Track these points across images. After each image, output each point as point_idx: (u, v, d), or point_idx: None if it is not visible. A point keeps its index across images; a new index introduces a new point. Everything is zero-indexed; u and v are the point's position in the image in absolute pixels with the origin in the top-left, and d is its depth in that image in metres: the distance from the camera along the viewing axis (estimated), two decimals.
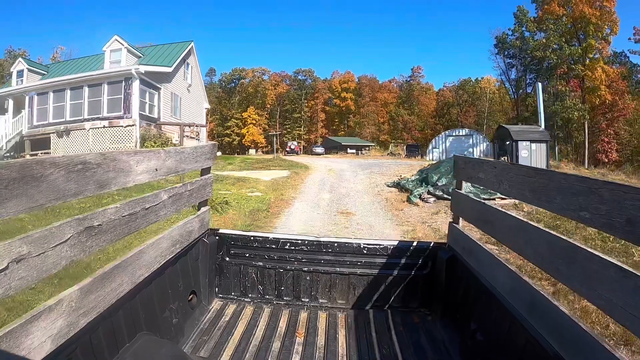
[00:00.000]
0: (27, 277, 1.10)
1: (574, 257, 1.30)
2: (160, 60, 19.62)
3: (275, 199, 10.05)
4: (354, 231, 6.99)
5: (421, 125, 64.41)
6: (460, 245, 2.39)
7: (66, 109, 17.88)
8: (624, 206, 1.08)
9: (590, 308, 3.48)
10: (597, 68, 38.12)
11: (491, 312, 1.89)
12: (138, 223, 1.72)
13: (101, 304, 1.44)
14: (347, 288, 2.64)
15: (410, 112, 65.32)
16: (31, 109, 18.75)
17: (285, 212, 8.63)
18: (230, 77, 71.90)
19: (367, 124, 65.66)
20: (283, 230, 6.94)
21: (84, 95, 17.62)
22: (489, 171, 2.08)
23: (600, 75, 38.12)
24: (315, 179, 15.24)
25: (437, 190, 9.78)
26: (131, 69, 16.80)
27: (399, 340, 2.25)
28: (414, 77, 70.40)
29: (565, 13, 39.21)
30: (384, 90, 70.38)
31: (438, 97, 68.22)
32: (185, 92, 22.55)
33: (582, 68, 38.17)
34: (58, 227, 1.24)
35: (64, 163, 1.23)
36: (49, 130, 17.88)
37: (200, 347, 2.11)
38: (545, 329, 1.43)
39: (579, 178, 1.31)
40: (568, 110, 36.69)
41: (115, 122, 17.00)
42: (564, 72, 38.66)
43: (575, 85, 39.00)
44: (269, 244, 2.66)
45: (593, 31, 38.34)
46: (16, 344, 1.06)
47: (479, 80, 63.97)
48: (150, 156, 1.81)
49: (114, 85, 17.35)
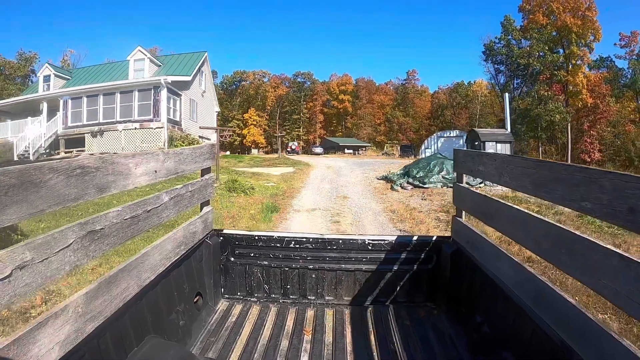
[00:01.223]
0: (32, 284, 1.09)
1: (575, 247, 1.29)
2: (180, 70, 22.22)
3: (287, 188, 12.63)
4: (350, 207, 9.55)
5: (416, 126, 66.73)
6: (464, 238, 2.39)
7: (99, 112, 20.50)
8: (625, 195, 1.08)
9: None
10: (578, 74, 40.82)
11: (497, 304, 1.89)
12: (140, 226, 1.71)
13: (108, 309, 1.43)
14: (353, 284, 2.64)
15: (405, 114, 67.68)
16: (65, 111, 21.30)
17: (297, 196, 11.19)
18: (232, 80, 73.89)
19: (364, 125, 67.99)
20: (297, 204, 9.53)
21: (117, 100, 20.24)
22: (489, 164, 2.07)
23: (581, 80, 40.79)
24: (317, 174, 17.84)
25: (415, 180, 12.41)
26: (160, 79, 19.44)
27: (405, 334, 2.24)
28: (409, 80, 73.02)
29: (550, 22, 41.87)
30: (381, 92, 72.69)
31: (433, 100, 70.39)
32: (200, 97, 25.17)
33: (565, 74, 40.85)
34: (60, 232, 1.22)
35: (62, 168, 1.22)
36: (83, 130, 20.43)
37: (208, 348, 2.10)
38: (552, 320, 1.42)
39: (579, 168, 1.29)
40: (550, 113, 39.37)
41: (145, 125, 19.64)
42: (547, 77, 41.35)
43: (557, 89, 41.64)
44: (274, 242, 2.65)
45: (575, 39, 41.04)
46: (24, 351, 1.05)
47: (471, 84, 66.33)
48: (149, 158, 1.80)
49: (144, 92, 19.97)
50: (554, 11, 41.48)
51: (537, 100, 40.63)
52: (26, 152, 20.05)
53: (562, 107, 40.13)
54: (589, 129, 43.04)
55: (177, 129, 20.90)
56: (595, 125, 42.98)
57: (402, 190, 11.96)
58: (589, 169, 1.25)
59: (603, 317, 3.40)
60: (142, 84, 20.14)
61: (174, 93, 21.07)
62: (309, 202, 10.26)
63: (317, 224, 7.61)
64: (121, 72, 22.55)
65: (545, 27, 41.54)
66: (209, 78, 27.53)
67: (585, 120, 43.23)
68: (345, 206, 9.70)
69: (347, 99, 69.85)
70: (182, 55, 24.56)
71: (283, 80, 74.13)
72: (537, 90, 41.12)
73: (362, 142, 58.78)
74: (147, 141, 19.23)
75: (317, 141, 66.08)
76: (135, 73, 21.60)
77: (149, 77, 20.96)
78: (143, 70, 21.59)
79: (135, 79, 20.87)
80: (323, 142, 60.02)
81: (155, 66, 22.41)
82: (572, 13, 41.49)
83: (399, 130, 66.04)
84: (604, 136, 43.34)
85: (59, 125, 21.31)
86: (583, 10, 41.49)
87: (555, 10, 41.47)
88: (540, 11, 42.01)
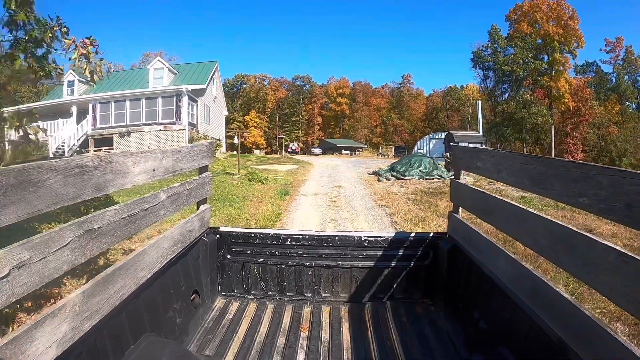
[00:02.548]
0: (30, 283, 1.09)
1: (573, 244, 1.30)
2: (195, 78, 25.08)
3: (293, 180, 15.42)
4: (344, 192, 12.31)
5: (411, 128, 69.18)
6: (460, 234, 2.39)
7: (126, 115, 23.38)
8: (622, 191, 1.08)
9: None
10: (560, 79, 43.75)
11: (494, 301, 1.91)
12: (138, 224, 1.71)
13: (105, 307, 1.43)
14: (350, 281, 2.63)
15: (400, 116, 70.34)
16: (94, 114, 24.06)
17: (302, 185, 13.97)
18: (234, 83, 75.98)
19: (361, 127, 70.55)
20: (303, 190, 12.30)
21: (142, 105, 23.16)
22: (487, 160, 2.07)
23: (563, 85, 43.72)
24: (317, 170, 20.66)
25: (398, 174, 15.25)
26: (182, 87, 22.40)
27: (402, 331, 2.23)
28: (404, 84, 75.86)
29: (534, 31, 44.82)
30: (377, 95, 75.20)
31: (428, 102, 73.06)
32: (212, 102, 28.09)
33: (548, 79, 43.80)
34: (58, 232, 1.22)
35: (61, 167, 1.22)
36: (111, 131, 23.21)
37: (205, 346, 2.10)
38: (548, 316, 1.43)
39: (577, 164, 1.29)
40: (533, 116, 42.34)
41: (169, 127, 22.51)
42: (530, 83, 44.32)
43: (540, 94, 44.57)
44: (270, 240, 2.65)
45: (557, 47, 44.00)
46: (21, 350, 1.05)
47: (463, 87, 69.27)
48: (148, 157, 1.80)
49: (167, 98, 22.88)
50: (537, 21, 44.48)
51: (521, 104, 43.59)
52: (58, 150, 22.71)
53: (544, 110, 43.07)
54: (571, 130, 45.56)
55: (194, 131, 23.74)
56: (578, 127, 45.46)
57: (387, 181, 14.79)
58: (587, 165, 1.25)
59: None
60: (165, 92, 23.04)
61: (191, 99, 23.95)
62: (312, 189, 13.04)
63: (319, 202, 10.35)
64: (141, 79, 25.31)
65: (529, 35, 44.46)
66: (219, 85, 30.49)
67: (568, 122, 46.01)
68: (340, 192, 12.46)
69: (345, 102, 72.34)
70: (196, 65, 27.38)
71: (283, 84, 76.45)
72: (521, 95, 44.10)
73: (358, 144, 61.42)
74: (171, 141, 22.03)
75: (315, 142, 68.59)
76: (155, 81, 24.40)
77: (167, 84, 23.84)
78: (162, 78, 24.38)
79: (157, 86, 23.71)
80: (321, 144, 62.65)
81: (172, 74, 25.22)
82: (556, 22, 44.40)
83: (394, 132, 68.63)
84: (587, 137, 45.56)
85: (88, 126, 24.05)
86: (565, 19, 44.39)
87: (539, 19, 44.45)
88: (525, 20, 44.89)
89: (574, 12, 44.63)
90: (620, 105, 49.67)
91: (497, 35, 45.74)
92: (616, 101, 50.02)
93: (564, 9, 44.50)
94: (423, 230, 6.81)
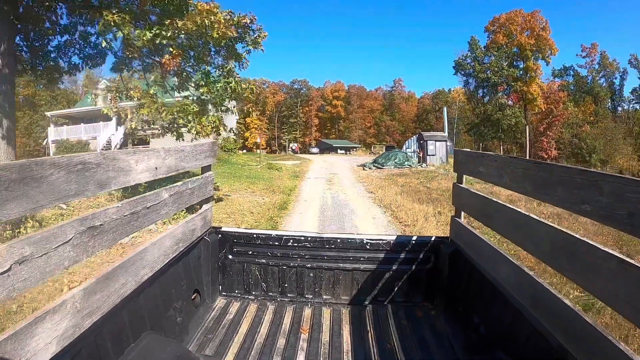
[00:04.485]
0: (31, 279, 1.10)
1: (575, 250, 1.29)
2: None
3: (300, 170, 20.58)
4: (338, 177, 17.34)
5: (402, 129, 73.35)
6: (462, 239, 2.38)
7: None
8: (625, 199, 1.07)
9: None
10: (532, 84, 48.74)
11: (494, 306, 1.89)
12: (140, 222, 1.71)
13: (105, 305, 1.43)
14: (351, 284, 2.63)
15: (392, 118, 74.77)
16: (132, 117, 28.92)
17: (307, 173, 19.14)
18: None
19: (355, 128, 74.90)
20: (308, 175, 17.43)
21: None
22: (490, 165, 2.05)
23: (535, 89, 48.70)
24: (317, 164, 25.81)
25: (378, 165, 20.58)
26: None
27: (402, 334, 2.23)
28: (396, 88, 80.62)
29: (509, 42, 49.83)
30: (371, 98, 79.29)
31: (419, 104, 77.51)
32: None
33: (522, 84, 48.82)
34: (60, 228, 1.23)
35: (63, 163, 1.22)
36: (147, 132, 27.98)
37: (205, 346, 2.10)
38: (549, 322, 1.42)
39: (580, 171, 1.29)
40: (508, 117, 47.50)
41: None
42: (504, 88, 49.45)
43: (515, 98, 49.63)
44: (272, 241, 2.65)
45: (530, 56, 49.00)
46: (21, 345, 1.05)
47: (451, 91, 73.68)
48: (150, 155, 1.80)
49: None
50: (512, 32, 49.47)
51: (497, 107, 48.71)
52: (104, 148, 27.43)
53: (518, 112, 48.15)
54: (545, 130, 50.18)
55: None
56: (551, 127, 49.93)
57: (369, 170, 20.07)
58: (590, 172, 1.24)
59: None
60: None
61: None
62: (315, 175, 18.11)
63: (320, 182, 15.31)
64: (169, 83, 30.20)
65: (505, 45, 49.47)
66: None
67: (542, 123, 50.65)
68: (335, 177, 17.48)
69: (340, 104, 76.34)
70: None
71: (281, 87, 79.93)
72: (497, 98, 49.25)
73: (353, 144, 65.97)
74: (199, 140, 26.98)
75: (312, 143, 72.51)
76: None
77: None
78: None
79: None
80: (318, 144, 66.93)
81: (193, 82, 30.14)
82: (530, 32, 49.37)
83: (386, 132, 72.99)
84: (561, 136, 49.68)
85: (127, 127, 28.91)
86: (538, 30, 49.45)
87: (513, 31, 49.46)
88: (501, 32, 49.75)
89: (546, 23, 49.61)
90: (595, 106, 53.93)
91: (476, 46, 50.81)
92: (591, 102, 54.31)
93: (537, 20, 49.55)
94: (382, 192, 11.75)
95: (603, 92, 54.22)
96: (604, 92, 54.34)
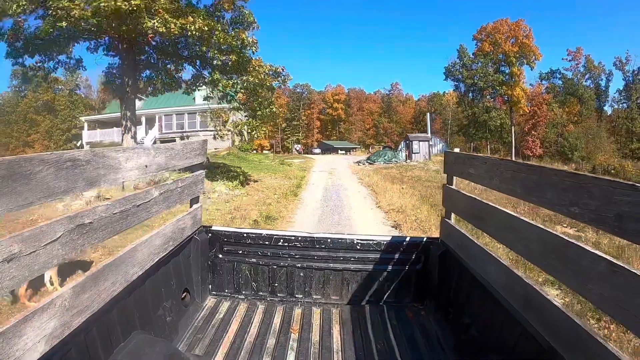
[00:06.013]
0: (19, 277, 1.08)
1: (565, 252, 1.29)
2: None
3: (306, 166, 25.35)
4: (337, 171, 21.92)
5: (399, 130, 76.18)
6: (452, 240, 2.38)
7: (185, 123, 32.98)
8: (613, 202, 1.07)
9: None
10: (516, 88, 52.75)
11: (485, 307, 1.89)
12: (129, 220, 1.70)
13: (95, 304, 1.42)
14: (341, 284, 2.63)
15: (390, 120, 78.25)
16: (160, 123, 33.66)
17: (312, 167, 23.94)
18: None
19: (355, 130, 78.31)
20: (313, 169, 22.17)
21: (197, 117, 32.63)
22: (480, 166, 2.05)
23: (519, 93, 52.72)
24: (320, 162, 30.50)
25: (370, 161, 25.37)
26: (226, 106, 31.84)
27: (392, 335, 2.23)
28: (393, 91, 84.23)
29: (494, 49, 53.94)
30: (370, 101, 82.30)
31: (416, 106, 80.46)
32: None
33: (507, 88, 52.87)
34: (49, 225, 1.21)
35: (52, 160, 1.21)
36: (174, 135, 32.70)
37: (194, 345, 2.09)
38: (539, 324, 1.42)
39: (570, 174, 1.29)
40: (493, 119, 51.80)
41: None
42: (490, 92, 53.70)
43: (500, 101, 53.80)
44: (262, 240, 2.64)
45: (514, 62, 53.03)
46: (9, 345, 1.03)
47: (445, 94, 76.80)
48: (140, 153, 1.79)
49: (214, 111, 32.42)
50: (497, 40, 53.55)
51: (483, 109, 53.00)
52: None
53: (503, 114, 52.32)
54: (530, 130, 54.00)
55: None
56: (536, 127, 53.77)
57: (362, 166, 24.96)
58: (579, 175, 1.24)
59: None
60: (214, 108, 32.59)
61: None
62: (319, 169, 22.83)
63: (324, 174, 19.81)
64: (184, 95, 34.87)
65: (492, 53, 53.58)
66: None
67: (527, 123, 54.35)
68: (334, 171, 22.08)
69: (341, 107, 79.00)
70: None
71: (284, 91, 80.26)
72: (483, 102, 53.55)
73: (353, 145, 69.52)
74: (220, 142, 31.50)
75: (314, 144, 75.16)
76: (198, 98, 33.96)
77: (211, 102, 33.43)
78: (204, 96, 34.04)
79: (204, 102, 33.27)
80: (320, 145, 70.53)
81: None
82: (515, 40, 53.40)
83: (384, 134, 76.37)
84: (546, 136, 53.29)
85: (156, 131, 33.55)
86: (521, 38, 53.49)
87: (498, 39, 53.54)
88: (487, 40, 53.71)
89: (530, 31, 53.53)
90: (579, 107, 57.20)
91: (464, 54, 55.13)
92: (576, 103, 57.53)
93: (521, 29, 53.65)
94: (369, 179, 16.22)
95: (587, 94, 57.38)
96: (588, 93, 57.33)
